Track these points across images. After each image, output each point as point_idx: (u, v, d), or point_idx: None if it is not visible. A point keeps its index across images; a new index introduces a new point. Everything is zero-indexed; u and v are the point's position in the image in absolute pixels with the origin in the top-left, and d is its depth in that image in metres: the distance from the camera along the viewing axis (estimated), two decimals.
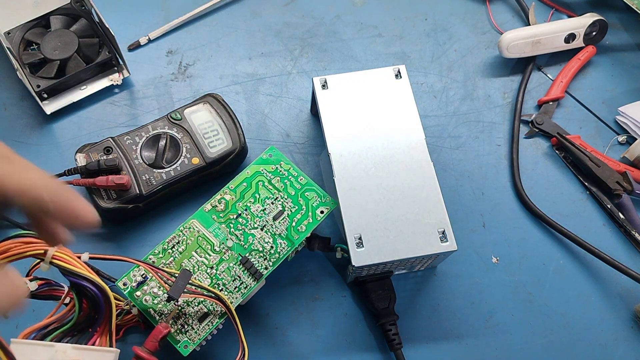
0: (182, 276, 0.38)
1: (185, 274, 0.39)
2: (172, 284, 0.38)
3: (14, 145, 0.52)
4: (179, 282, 0.38)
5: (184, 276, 0.38)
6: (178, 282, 0.38)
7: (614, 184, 0.52)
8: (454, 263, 0.50)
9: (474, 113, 0.57)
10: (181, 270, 0.39)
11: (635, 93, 0.59)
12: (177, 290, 0.38)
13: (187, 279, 0.39)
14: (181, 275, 0.39)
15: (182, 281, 0.38)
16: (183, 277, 0.38)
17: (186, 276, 0.39)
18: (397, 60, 0.60)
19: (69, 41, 0.53)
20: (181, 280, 0.38)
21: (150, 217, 0.50)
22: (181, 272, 0.39)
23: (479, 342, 0.47)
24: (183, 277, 0.38)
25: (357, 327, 0.47)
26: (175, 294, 0.38)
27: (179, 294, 0.38)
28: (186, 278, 0.38)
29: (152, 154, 0.48)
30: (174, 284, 0.38)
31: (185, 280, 0.38)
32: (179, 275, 0.39)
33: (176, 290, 0.38)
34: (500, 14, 0.63)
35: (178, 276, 0.38)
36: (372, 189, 0.44)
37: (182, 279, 0.38)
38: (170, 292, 0.38)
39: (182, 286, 0.38)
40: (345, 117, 0.48)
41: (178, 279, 0.38)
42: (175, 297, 0.38)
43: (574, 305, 0.49)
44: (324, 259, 0.49)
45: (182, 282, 0.38)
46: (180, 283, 0.38)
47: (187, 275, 0.39)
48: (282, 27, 0.61)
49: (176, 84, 0.57)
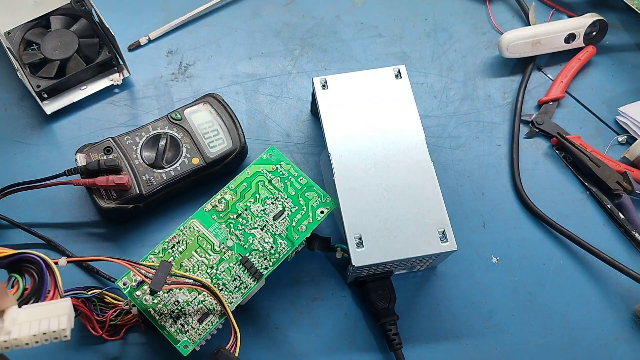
0: (161, 268, 0.38)
1: (164, 265, 0.39)
2: (153, 276, 0.38)
3: (14, 145, 0.53)
4: (159, 274, 0.38)
5: (163, 268, 0.38)
6: (158, 275, 0.38)
7: (614, 184, 0.52)
8: (454, 263, 0.50)
9: (474, 113, 0.57)
10: (160, 262, 0.39)
11: (635, 93, 0.59)
12: (158, 282, 0.38)
13: (167, 270, 0.38)
14: (160, 267, 0.38)
15: (161, 273, 0.38)
16: (162, 268, 0.38)
17: (166, 267, 0.38)
18: (397, 60, 0.60)
19: (69, 41, 0.53)
20: (161, 272, 0.38)
21: (150, 217, 0.50)
22: (160, 264, 0.39)
23: (479, 342, 0.47)
24: (162, 269, 0.38)
25: (357, 327, 0.47)
26: (156, 286, 0.38)
27: (160, 286, 0.38)
28: (166, 269, 0.38)
29: (152, 154, 0.48)
30: (154, 277, 0.38)
31: (165, 272, 0.38)
32: (159, 267, 0.38)
33: (157, 283, 0.38)
34: (500, 14, 0.63)
35: (158, 268, 0.38)
36: (372, 189, 0.44)
37: (162, 270, 0.38)
38: (151, 285, 0.38)
39: (163, 277, 0.38)
40: (345, 117, 0.48)
41: (158, 271, 0.38)
42: (156, 290, 0.38)
43: (574, 305, 0.49)
44: (324, 259, 0.49)
45: (162, 274, 0.38)
46: (160, 275, 0.38)
47: (166, 266, 0.38)
48: (282, 27, 0.61)
49: (176, 84, 0.57)
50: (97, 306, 0.43)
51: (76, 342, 0.45)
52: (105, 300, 0.43)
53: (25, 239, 0.48)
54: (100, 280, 0.47)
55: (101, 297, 0.43)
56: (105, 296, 0.43)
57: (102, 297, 0.43)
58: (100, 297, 0.43)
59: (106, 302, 0.43)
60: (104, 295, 0.43)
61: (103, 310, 0.43)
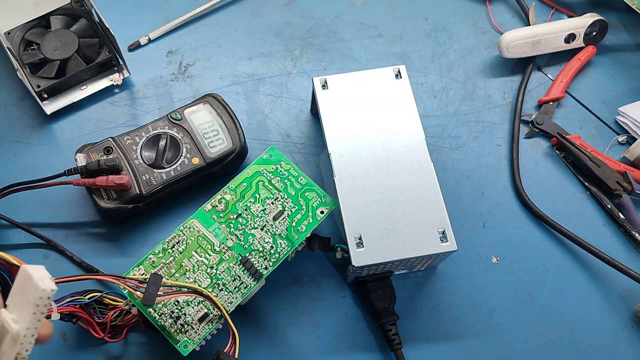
0: (152, 282, 0.37)
1: (154, 278, 0.38)
2: (144, 291, 0.37)
3: (14, 145, 0.53)
4: (150, 288, 0.37)
5: (154, 281, 0.37)
6: (149, 289, 0.37)
7: (614, 184, 0.52)
8: (454, 263, 0.50)
9: (474, 113, 0.57)
10: (150, 275, 0.38)
11: (635, 93, 0.59)
12: (150, 297, 0.37)
13: (158, 283, 0.37)
14: (151, 280, 0.37)
15: (153, 287, 0.37)
16: (153, 282, 0.37)
17: (157, 281, 0.38)
18: (397, 60, 0.60)
19: (69, 41, 0.53)
20: (152, 286, 0.37)
21: (150, 217, 0.50)
22: (150, 278, 0.38)
23: (479, 342, 0.47)
24: (153, 283, 0.37)
25: (357, 327, 0.47)
26: (148, 301, 0.37)
27: (152, 301, 0.37)
28: (157, 283, 0.37)
29: (152, 154, 0.48)
30: (146, 292, 0.37)
31: (156, 286, 0.37)
32: (149, 281, 0.37)
33: (149, 298, 0.37)
34: (500, 14, 0.63)
35: (148, 282, 0.37)
36: (372, 189, 0.44)
37: (153, 284, 0.37)
38: (143, 301, 0.37)
39: (155, 291, 0.37)
40: (345, 117, 0.48)
41: (148, 285, 0.37)
42: (149, 305, 0.37)
43: (574, 305, 0.49)
44: (324, 259, 0.49)
45: (153, 288, 0.37)
46: (151, 289, 0.37)
47: (157, 279, 0.38)
48: (282, 27, 0.61)
49: (176, 84, 0.57)
50: (97, 309, 0.43)
51: (77, 344, 0.45)
52: (104, 302, 0.43)
53: (25, 238, 0.49)
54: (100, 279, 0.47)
55: (100, 300, 0.43)
56: (104, 298, 0.43)
57: (101, 299, 0.43)
58: (99, 300, 0.43)
59: (105, 303, 0.43)
60: (103, 297, 0.43)
61: (103, 312, 0.43)
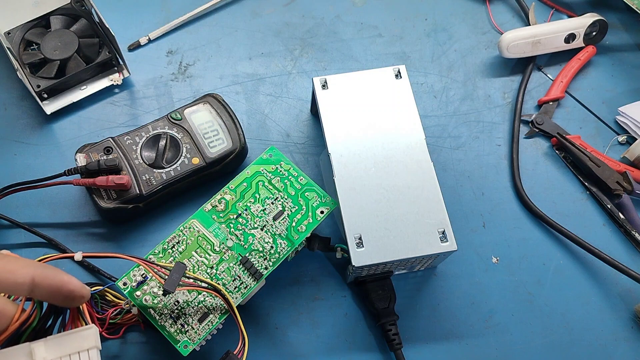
0: (176, 269, 0.39)
1: (179, 266, 0.39)
2: (167, 277, 0.38)
3: (14, 145, 0.53)
4: (174, 275, 0.38)
5: (178, 269, 0.39)
6: (172, 275, 0.38)
7: (614, 184, 0.52)
8: (454, 263, 0.50)
9: (474, 113, 0.57)
10: (175, 263, 0.39)
11: (635, 93, 0.59)
12: (172, 283, 0.38)
13: (182, 271, 0.39)
14: (175, 268, 0.39)
15: (176, 274, 0.38)
16: (177, 270, 0.39)
17: (180, 269, 0.39)
18: (397, 60, 0.60)
19: (69, 41, 0.53)
20: (175, 273, 0.38)
21: (150, 217, 0.50)
22: (175, 265, 0.39)
23: (479, 342, 0.47)
24: (177, 270, 0.39)
25: (357, 327, 0.47)
26: (170, 287, 0.38)
27: (174, 287, 0.38)
28: (180, 271, 0.39)
29: (152, 154, 0.48)
30: (169, 278, 0.38)
31: (179, 273, 0.39)
32: (174, 268, 0.39)
33: (171, 284, 0.38)
34: (500, 14, 0.63)
35: (172, 269, 0.39)
36: (372, 189, 0.44)
37: (177, 271, 0.38)
38: (165, 286, 0.38)
39: (177, 279, 0.38)
40: (345, 117, 0.48)
41: (172, 272, 0.38)
42: (170, 291, 0.38)
43: (574, 305, 0.49)
44: (324, 259, 0.49)
45: (176, 275, 0.38)
46: (174, 276, 0.38)
47: (181, 268, 0.39)
48: (282, 27, 0.61)
49: (176, 84, 0.57)
50: (99, 303, 0.43)
51: None
52: (106, 297, 0.43)
53: (26, 238, 0.49)
54: (101, 279, 0.47)
55: (102, 295, 0.43)
56: (106, 294, 0.43)
57: (103, 294, 0.43)
58: (101, 294, 0.43)
59: (107, 299, 0.43)
60: (105, 292, 0.43)
61: (104, 308, 0.43)
